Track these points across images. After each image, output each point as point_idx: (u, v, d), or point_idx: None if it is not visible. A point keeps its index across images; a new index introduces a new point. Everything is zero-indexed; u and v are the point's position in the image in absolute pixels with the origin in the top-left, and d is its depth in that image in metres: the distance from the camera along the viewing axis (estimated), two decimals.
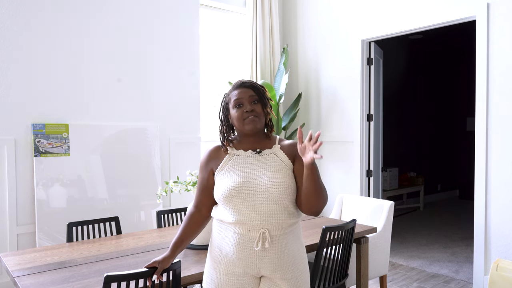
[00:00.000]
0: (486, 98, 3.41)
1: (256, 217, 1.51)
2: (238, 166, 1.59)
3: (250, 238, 1.53)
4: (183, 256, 2.20)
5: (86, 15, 3.62)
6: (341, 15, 4.54)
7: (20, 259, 2.13)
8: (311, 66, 4.86)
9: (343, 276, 2.53)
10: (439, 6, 3.72)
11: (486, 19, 3.40)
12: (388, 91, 6.81)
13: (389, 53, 6.78)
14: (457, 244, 4.89)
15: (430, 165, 7.72)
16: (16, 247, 3.29)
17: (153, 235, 2.61)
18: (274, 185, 1.52)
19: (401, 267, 4.11)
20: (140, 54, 3.91)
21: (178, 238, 1.65)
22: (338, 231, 2.33)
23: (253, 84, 1.63)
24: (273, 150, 1.62)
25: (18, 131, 3.31)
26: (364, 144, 4.40)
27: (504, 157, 3.34)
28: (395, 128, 7.07)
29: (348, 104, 4.49)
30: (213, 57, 4.65)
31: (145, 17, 3.93)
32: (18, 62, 3.31)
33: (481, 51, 3.45)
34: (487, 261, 3.44)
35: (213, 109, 4.64)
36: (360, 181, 4.41)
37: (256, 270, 1.56)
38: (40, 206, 3.32)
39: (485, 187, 3.43)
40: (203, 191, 1.67)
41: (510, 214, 3.31)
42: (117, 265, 2.04)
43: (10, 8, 3.27)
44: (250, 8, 4.65)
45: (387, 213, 3.14)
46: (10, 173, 3.26)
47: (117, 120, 3.79)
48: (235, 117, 1.60)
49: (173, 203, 4.09)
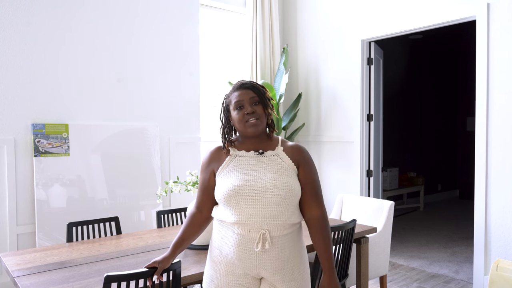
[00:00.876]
0: (486, 98, 3.41)
1: (256, 217, 1.50)
2: (240, 167, 1.58)
3: (250, 238, 1.52)
4: (183, 256, 2.20)
5: (86, 15, 3.61)
6: (341, 15, 4.54)
7: (20, 259, 2.13)
8: (311, 66, 4.85)
9: (343, 276, 2.53)
10: (439, 6, 3.72)
11: (486, 19, 3.40)
12: (388, 91, 6.81)
13: (389, 53, 6.77)
14: (457, 244, 4.89)
15: (430, 165, 7.72)
16: (16, 247, 3.29)
17: (153, 235, 2.61)
18: (277, 185, 1.51)
19: (401, 267, 4.11)
20: (140, 54, 3.91)
21: (179, 239, 1.64)
22: (338, 231, 2.33)
23: (253, 85, 1.61)
24: (276, 152, 1.61)
25: (18, 131, 3.31)
26: (364, 144, 4.40)
27: (504, 157, 3.34)
28: (395, 128, 7.07)
29: (348, 104, 4.49)
30: (213, 57, 4.64)
31: (145, 17, 3.93)
32: (18, 62, 3.31)
33: (481, 51, 3.45)
34: (487, 261, 3.44)
35: (213, 109, 4.64)
36: (360, 181, 4.41)
37: (256, 271, 1.55)
38: (40, 206, 3.32)
39: (485, 187, 3.43)
40: (204, 192, 1.66)
41: (510, 214, 3.30)
42: (117, 265, 2.04)
43: (10, 8, 3.27)
44: (250, 8, 4.65)
45: (387, 213, 3.14)
46: (10, 173, 3.26)
47: (117, 120, 3.79)
48: (236, 119, 1.59)
49: (173, 203, 4.09)
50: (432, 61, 7.70)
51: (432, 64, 7.69)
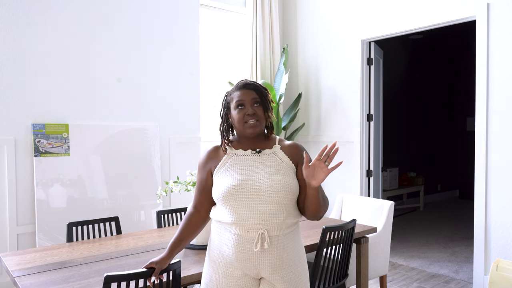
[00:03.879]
0: (486, 98, 3.41)
1: (255, 217, 1.50)
2: (237, 165, 1.57)
3: (248, 239, 1.51)
4: (183, 256, 2.20)
5: (86, 15, 3.61)
6: (341, 15, 4.54)
7: (20, 259, 2.13)
8: (311, 66, 4.85)
9: (343, 276, 2.53)
10: (439, 6, 3.72)
11: (486, 19, 3.40)
12: (388, 91, 6.81)
13: (389, 53, 6.77)
14: (457, 244, 4.89)
15: (430, 165, 7.72)
16: (16, 247, 3.29)
17: (153, 235, 2.61)
18: (275, 184, 1.51)
19: (401, 267, 4.11)
20: (140, 54, 3.91)
21: (176, 239, 1.63)
22: (338, 231, 2.33)
23: (256, 86, 1.60)
24: (273, 150, 1.61)
25: (18, 131, 3.31)
26: (364, 144, 4.40)
27: (504, 157, 3.34)
28: (395, 128, 7.07)
29: (348, 104, 4.49)
30: (213, 57, 4.65)
31: (145, 17, 3.93)
32: (18, 62, 3.31)
33: (481, 51, 3.45)
34: (487, 261, 3.44)
35: (213, 109, 4.64)
36: (360, 181, 4.41)
37: (255, 272, 1.55)
38: (40, 206, 3.32)
39: (485, 187, 3.43)
40: (202, 192, 1.65)
41: (510, 214, 3.30)
42: (117, 265, 2.04)
43: (10, 8, 3.27)
44: (250, 8, 4.65)
45: (387, 213, 3.14)
46: (10, 173, 3.26)
47: (117, 120, 3.79)
48: (236, 118, 1.58)
49: (173, 203, 4.09)
50: (432, 61, 7.69)
51: (432, 64, 7.69)
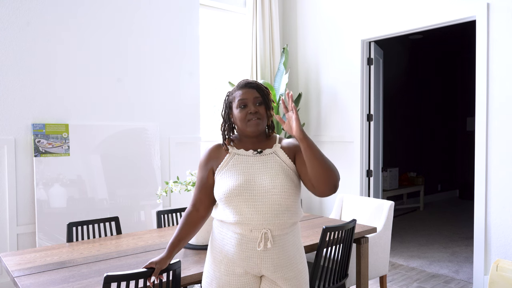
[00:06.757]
0: (486, 98, 3.41)
1: (258, 217, 1.51)
2: (239, 166, 1.58)
3: (251, 238, 1.53)
4: (183, 256, 2.20)
5: (86, 15, 3.62)
6: (341, 15, 4.54)
7: (20, 259, 2.13)
8: (311, 66, 4.86)
9: (343, 276, 2.53)
10: (439, 6, 3.72)
11: (486, 19, 3.40)
12: (388, 91, 6.81)
13: (389, 53, 6.78)
14: (457, 244, 4.89)
15: (430, 165, 7.72)
16: (16, 247, 3.29)
17: (153, 235, 2.61)
18: (276, 186, 1.52)
19: (401, 267, 4.11)
20: (140, 54, 3.91)
21: (175, 238, 1.63)
22: (338, 231, 2.33)
23: (258, 85, 1.62)
24: (273, 150, 1.62)
25: (18, 131, 3.31)
26: (364, 144, 4.40)
27: (504, 157, 3.34)
28: (395, 128, 7.07)
29: (348, 104, 4.49)
30: (213, 57, 4.65)
31: (145, 17, 3.93)
32: (18, 62, 3.31)
33: (481, 51, 3.45)
34: (487, 261, 3.44)
35: (213, 109, 4.64)
36: (360, 181, 4.41)
37: (257, 270, 1.56)
38: (40, 206, 3.32)
39: (485, 187, 3.43)
40: (202, 190, 1.66)
41: (510, 214, 3.30)
42: (117, 265, 2.04)
43: (10, 8, 3.27)
44: (250, 8, 4.65)
45: (387, 213, 3.14)
46: (10, 173, 3.26)
47: (117, 120, 3.79)
48: (238, 117, 1.59)
49: (173, 203, 4.09)
50: (432, 61, 7.69)
51: (432, 64, 7.69)
